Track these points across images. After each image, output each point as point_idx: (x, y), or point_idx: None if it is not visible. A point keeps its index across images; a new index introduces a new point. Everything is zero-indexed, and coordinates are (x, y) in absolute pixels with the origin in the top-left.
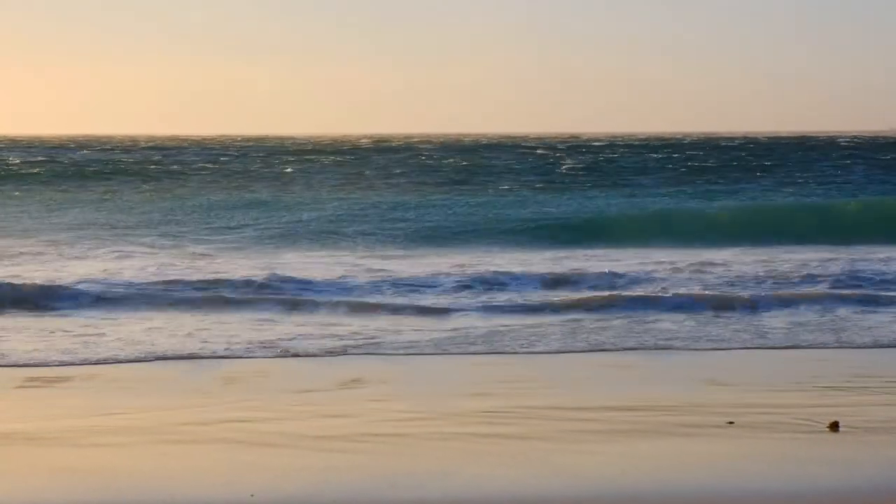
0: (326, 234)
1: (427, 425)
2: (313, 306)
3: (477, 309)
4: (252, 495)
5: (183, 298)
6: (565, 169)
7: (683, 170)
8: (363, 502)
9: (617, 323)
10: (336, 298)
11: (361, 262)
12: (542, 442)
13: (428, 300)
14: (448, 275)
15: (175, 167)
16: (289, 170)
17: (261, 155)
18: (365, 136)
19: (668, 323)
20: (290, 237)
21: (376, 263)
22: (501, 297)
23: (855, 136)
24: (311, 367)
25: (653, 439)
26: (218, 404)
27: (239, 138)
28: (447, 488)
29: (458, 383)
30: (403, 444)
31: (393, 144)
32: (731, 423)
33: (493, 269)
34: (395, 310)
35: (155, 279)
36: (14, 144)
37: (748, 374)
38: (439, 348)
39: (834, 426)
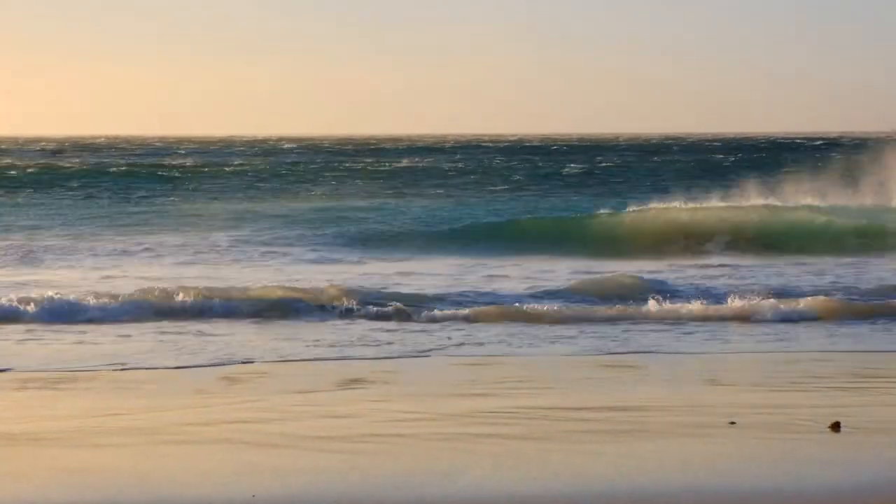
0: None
1: (428, 426)
2: None
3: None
4: (254, 496)
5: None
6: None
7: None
8: (365, 503)
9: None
10: None
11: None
12: (543, 442)
13: None
14: None
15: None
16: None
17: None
18: (371, 137)
19: None
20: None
21: None
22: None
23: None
24: (314, 368)
25: (654, 439)
26: (220, 405)
27: (246, 137)
28: (449, 488)
29: (458, 384)
30: (405, 444)
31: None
32: (732, 423)
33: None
34: None
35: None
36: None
37: (749, 375)
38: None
39: (835, 426)
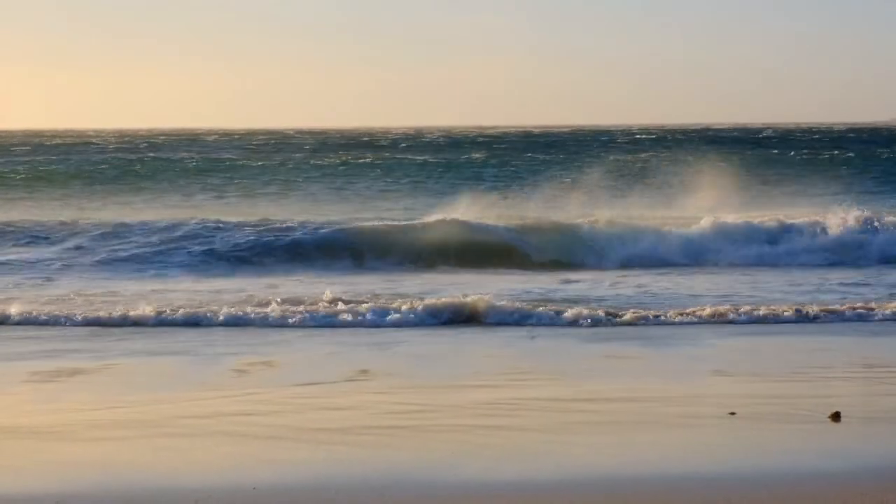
0: None
1: (430, 418)
2: None
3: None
4: (254, 488)
5: None
6: None
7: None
8: (367, 495)
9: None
10: None
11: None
12: (544, 433)
13: None
14: None
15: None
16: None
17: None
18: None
19: None
20: None
21: None
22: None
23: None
24: (315, 361)
25: (655, 430)
26: (222, 397)
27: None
28: (451, 480)
29: (461, 376)
30: (406, 436)
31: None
32: (732, 413)
33: None
34: None
35: None
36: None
37: (750, 365)
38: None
39: (835, 416)
